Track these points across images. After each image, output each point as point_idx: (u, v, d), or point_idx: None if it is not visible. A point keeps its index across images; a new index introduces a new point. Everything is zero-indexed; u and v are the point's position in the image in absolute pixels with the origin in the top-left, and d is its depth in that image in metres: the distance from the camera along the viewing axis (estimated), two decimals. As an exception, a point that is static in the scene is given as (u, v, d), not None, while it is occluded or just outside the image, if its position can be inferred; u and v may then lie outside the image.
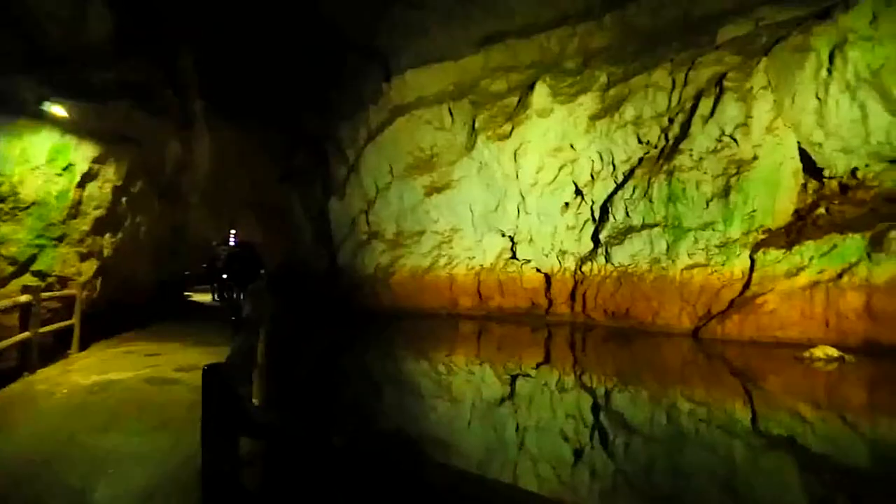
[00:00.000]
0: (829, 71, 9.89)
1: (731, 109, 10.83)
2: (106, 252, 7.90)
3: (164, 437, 4.41)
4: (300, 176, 18.23)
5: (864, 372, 8.76)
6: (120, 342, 8.54)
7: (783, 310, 10.36)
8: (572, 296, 13.85)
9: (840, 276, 9.83)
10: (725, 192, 10.96)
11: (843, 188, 10.51)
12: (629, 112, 12.54)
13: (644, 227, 12.25)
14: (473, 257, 15.21)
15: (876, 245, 9.47)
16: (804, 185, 10.85)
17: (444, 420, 6.99)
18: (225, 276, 14.91)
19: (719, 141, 11.06)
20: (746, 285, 10.83)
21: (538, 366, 10.81)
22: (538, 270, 14.52)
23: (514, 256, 14.88)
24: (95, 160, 7.60)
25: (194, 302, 15.49)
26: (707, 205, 11.24)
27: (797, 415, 7.22)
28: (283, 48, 15.18)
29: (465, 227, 15.26)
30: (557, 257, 14.09)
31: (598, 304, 13.27)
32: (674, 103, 11.94)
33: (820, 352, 9.11)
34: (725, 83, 10.92)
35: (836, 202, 10.32)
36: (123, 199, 8.17)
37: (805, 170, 10.87)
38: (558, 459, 5.54)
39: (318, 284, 17.73)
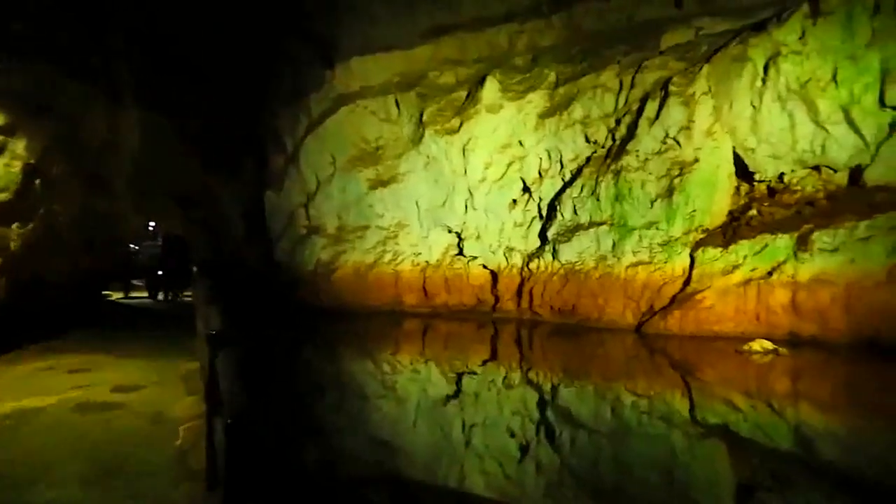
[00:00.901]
0: (764, 81, 10.54)
1: (675, 113, 11.27)
2: (13, 245, 6.71)
3: (114, 492, 3.26)
4: (232, 165, 17.01)
5: (795, 363, 9.43)
6: (34, 356, 7.13)
7: (720, 305, 10.95)
8: (519, 293, 13.93)
9: (770, 273, 10.52)
10: (669, 192, 11.41)
11: (771, 191, 11.27)
12: (578, 111, 12.75)
13: (591, 225, 12.52)
14: (419, 253, 14.91)
15: (801, 245, 10.21)
16: (737, 188, 11.53)
17: (388, 421, 6.82)
18: (160, 273, 13.57)
19: (664, 143, 11.50)
20: (687, 282, 11.36)
21: (484, 363, 10.78)
22: (485, 267, 14.48)
23: (460, 253, 14.73)
24: (1, 130, 6.40)
25: (118, 302, 13.94)
26: (651, 204, 11.66)
27: (739, 403, 7.72)
28: (218, 30, 14.01)
29: (412, 222, 14.92)
30: (505, 254, 14.11)
31: (544, 301, 13.43)
32: (621, 104, 12.27)
33: (757, 345, 9.69)
34: (670, 87, 11.35)
35: (766, 204, 11.04)
36: (37, 182, 6.96)
37: (738, 173, 11.53)
38: (505, 456, 5.54)
39: (251, 281, 16.66)
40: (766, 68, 10.48)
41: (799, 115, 10.39)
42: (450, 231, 14.81)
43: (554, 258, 13.15)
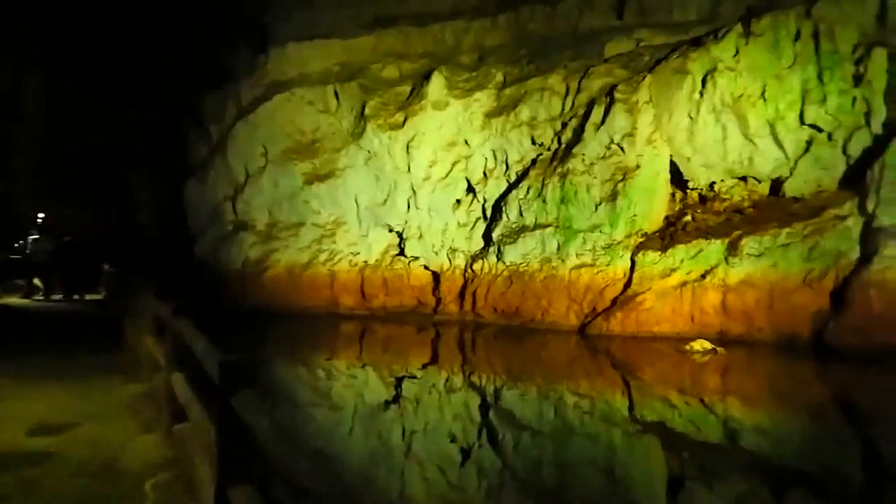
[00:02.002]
0: (701, 94, 11.13)
1: (620, 119, 11.60)
2: None
3: None
4: (147, 151, 15.29)
5: (732, 361, 10.01)
6: None
7: (658, 307, 11.40)
8: (461, 294, 13.72)
9: (703, 276, 11.11)
10: (613, 196, 11.72)
11: (703, 199, 11.95)
12: (525, 113, 12.78)
13: (537, 226, 12.58)
14: (358, 253, 14.24)
15: (732, 250, 10.87)
16: (673, 195, 12.09)
17: (324, 429, 6.48)
18: (52, 272, 11.71)
19: (608, 148, 11.80)
20: (627, 284, 11.72)
21: (425, 367, 10.51)
22: (426, 268, 14.12)
23: (401, 253, 14.27)
24: None
25: (11, 307, 11.67)
26: (596, 208, 11.92)
27: (691, 400, 8.19)
28: (141, 7, 12.48)
29: (350, 220, 14.22)
30: (447, 255, 13.84)
31: (487, 303, 13.32)
32: (567, 108, 12.46)
33: (698, 345, 10.16)
34: (616, 94, 11.67)
35: (700, 211, 11.68)
36: None
37: (673, 181, 12.10)
38: (446, 461, 5.44)
39: (168, 280, 15.04)
40: (703, 82, 11.07)
41: (731, 128, 11.08)
42: (391, 230, 14.30)
43: (498, 260, 13.08)
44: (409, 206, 13.98)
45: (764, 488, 5.00)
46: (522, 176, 12.91)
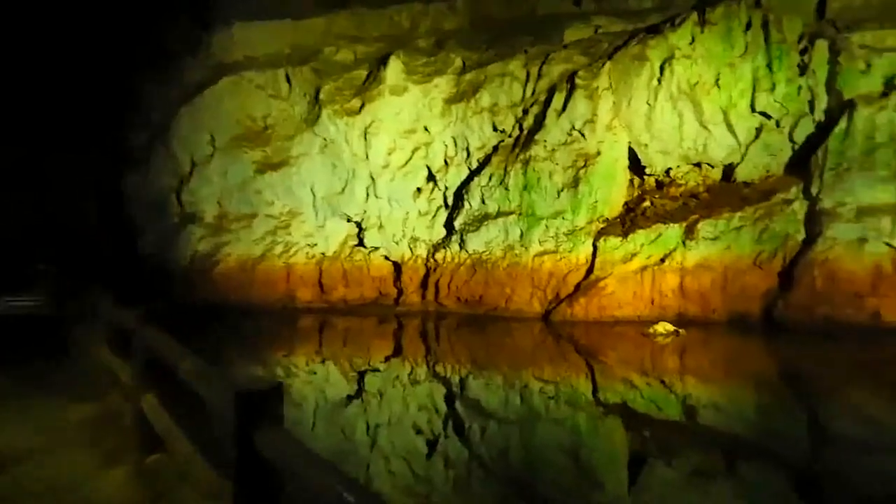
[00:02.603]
0: (659, 81, 11.33)
1: (581, 106, 11.65)
2: None
3: None
4: (79, 137, 14.01)
5: (694, 342, 10.38)
6: None
7: (620, 291, 11.62)
8: (424, 284, 13.50)
9: (663, 260, 11.41)
10: (575, 183, 11.80)
11: (659, 185, 12.23)
12: (485, 99, 12.62)
13: (500, 214, 12.50)
14: (315, 244, 13.71)
15: (689, 234, 11.21)
16: (631, 181, 12.31)
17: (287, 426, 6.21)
18: None
19: (570, 135, 11.84)
20: (590, 270, 11.87)
21: (387, 359, 10.30)
22: (387, 258, 13.79)
23: (361, 244, 13.86)
24: None
25: None
26: (559, 195, 11.96)
27: (649, 380, 8.63)
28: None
29: (306, 210, 13.64)
30: (409, 244, 13.56)
31: (451, 292, 13.17)
32: (528, 94, 12.39)
33: (661, 328, 10.44)
34: (576, 80, 11.70)
35: (657, 196, 11.95)
36: None
37: (631, 167, 12.31)
38: (412, 453, 5.42)
39: (107, 277, 13.95)
40: (661, 69, 11.26)
41: (687, 115, 11.36)
42: (349, 220, 13.84)
43: (461, 248, 12.93)
44: (368, 195, 13.57)
45: (717, 458, 5.38)
46: (484, 163, 12.77)
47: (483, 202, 12.71)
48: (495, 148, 12.77)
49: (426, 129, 13.19)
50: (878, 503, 4.43)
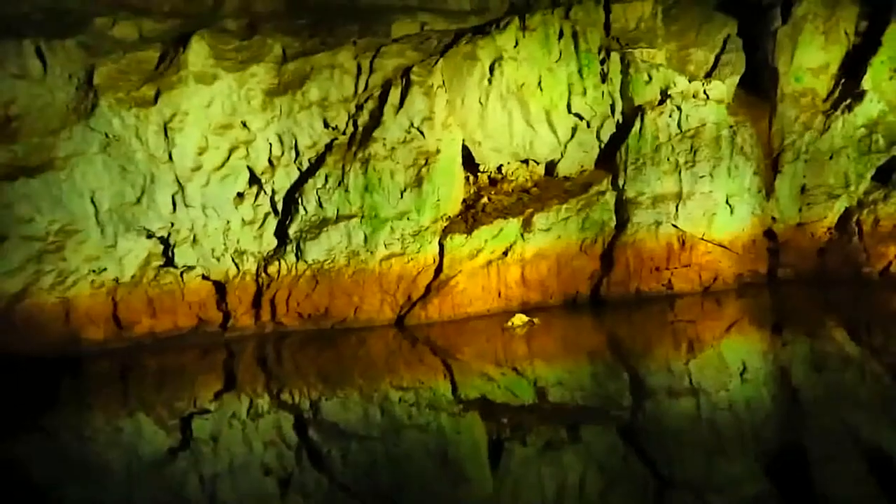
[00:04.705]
0: (490, 81, 11.72)
1: (418, 103, 11.37)
2: None
3: None
4: None
5: (545, 328, 11.06)
6: None
7: (470, 287, 11.82)
8: (256, 303, 11.77)
9: (505, 253, 11.95)
10: (418, 182, 11.51)
11: (493, 181, 12.76)
12: (314, 92, 11.44)
13: (341, 218, 11.53)
14: (103, 269, 10.81)
15: (526, 227, 11.94)
16: (467, 178, 12.58)
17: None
18: None
19: (409, 132, 11.48)
20: (439, 270, 11.78)
21: (218, 395, 8.90)
22: (206, 278, 11.64)
23: (169, 263, 11.41)
24: None
25: None
26: (402, 195, 11.53)
27: (518, 371, 9.13)
28: None
29: (86, 226, 10.63)
30: (233, 259, 11.64)
31: (290, 309, 11.75)
32: (361, 89, 11.62)
33: (518, 320, 10.90)
34: (412, 76, 11.37)
35: (493, 193, 12.44)
36: None
37: (465, 164, 12.57)
38: (263, 497, 5.06)
39: None
40: (492, 69, 11.65)
41: (516, 115, 12.01)
42: (150, 236, 11.24)
43: (298, 259, 11.58)
44: (174, 205, 11.18)
45: (564, 429, 6.14)
46: (318, 163, 11.61)
47: (321, 206, 11.56)
48: (329, 146, 11.70)
49: (244, 124, 11.41)
50: (681, 433, 5.77)
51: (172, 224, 11.26)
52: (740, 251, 12.41)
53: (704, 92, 12.14)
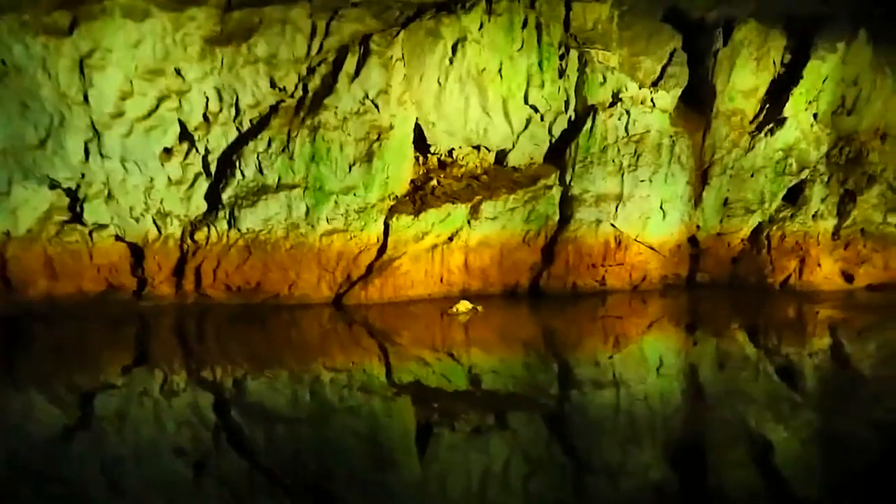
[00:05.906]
0: (451, 61, 11.37)
1: (375, 74, 10.79)
2: None
3: None
4: None
5: (488, 316, 11.05)
6: None
7: (413, 271, 11.56)
8: (178, 271, 10.77)
9: (451, 239, 11.80)
10: (368, 157, 10.98)
11: (442, 164, 12.50)
12: (262, 48, 10.47)
13: (282, 187, 10.75)
14: (-8, 221, 9.30)
15: (473, 214, 11.84)
16: (417, 159, 12.22)
17: None
18: None
19: (362, 104, 10.89)
20: (382, 250, 11.38)
21: (127, 370, 8.16)
22: (120, 239, 10.44)
23: (77, 220, 10.07)
24: None
25: None
26: (350, 169, 10.96)
27: (443, 353, 9.19)
28: None
29: (-27, 168, 9.06)
30: (155, 221, 10.51)
31: (218, 280, 10.87)
32: (314, 51, 10.81)
33: (462, 307, 10.79)
34: (371, 45, 10.74)
35: (443, 176, 12.19)
36: None
37: (419, 145, 12.21)
38: (175, 481, 4.74)
39: None
40: (454, 49, 11.30)
41: (473, 100, 11.78)
42: (54, 186, 9.83)
43: (231, 227, 10.69)
44: (87, 153, 9.84)
45: (492, 415, 6.15)
46: (261, 125, 10.70)
47: (260, 172, 10.70)
48: (274, 108, 10.82)
49: (178, 72, 10.23)
50: (601, 421, 6.17)
51: (83, 175, 9.92)
52: (667, 254, 13.16)
53: (651, 100, 12.62)
